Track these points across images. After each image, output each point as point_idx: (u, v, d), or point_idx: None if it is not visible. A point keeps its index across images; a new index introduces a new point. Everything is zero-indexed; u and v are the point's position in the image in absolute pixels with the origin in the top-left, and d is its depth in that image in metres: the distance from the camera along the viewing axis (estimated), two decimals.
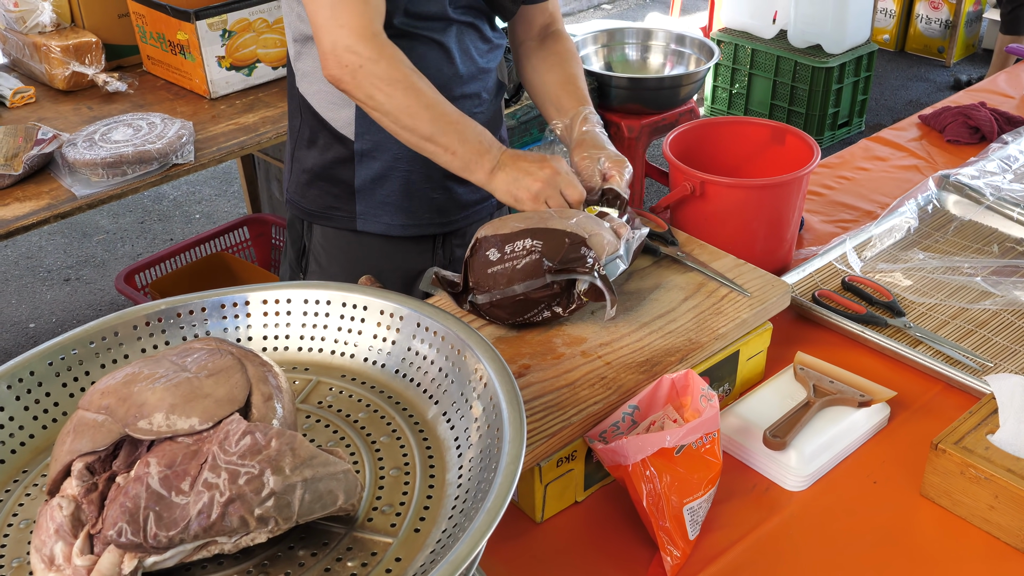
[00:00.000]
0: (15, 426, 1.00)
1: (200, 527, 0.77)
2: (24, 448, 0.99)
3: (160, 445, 0.83)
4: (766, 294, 1.41)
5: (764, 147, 1.75)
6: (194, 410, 0.84)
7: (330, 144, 1.62)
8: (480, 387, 0.95)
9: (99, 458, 0.84)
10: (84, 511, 0.82)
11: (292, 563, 0.82)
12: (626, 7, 6.77)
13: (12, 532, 0.89)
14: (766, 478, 1.28)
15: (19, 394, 1.01)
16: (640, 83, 3.40)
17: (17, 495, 0.94)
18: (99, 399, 0.87)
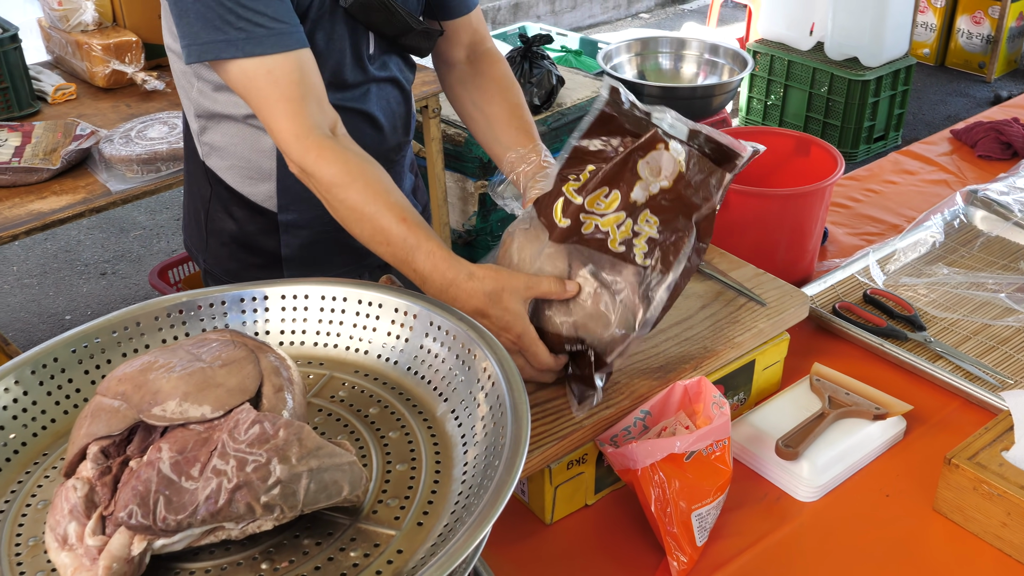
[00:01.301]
0: (37, 410, 1.03)
1: (208, 512, 0.79)
2: (45, 432, 1.02)
3: (172, 431, 0.85)
4: (784, 304, 1.41)
5: (788, 158, 1.75)
6: (206, 398, 0.86)
7: (249, 216, 1.53)
8: (488, 385, 0.96)
9: (114, 442, 0.87)
10: (98, 493, 0.84)
11: (297, 551, 0.84)
12: (663, 17, 6.77)
13: (30, 512, 0.92)
14: (777, 488, 1.28)
15: (43, 379, 1.04)
16: (672, 92, 3.41)
17: (36, 477, 0.96)
18: (116, 385, 0.90)
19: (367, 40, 1.44)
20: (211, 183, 1.53)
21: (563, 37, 4.18)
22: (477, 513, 0.79)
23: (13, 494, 0.95)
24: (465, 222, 3.18)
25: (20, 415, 1.02)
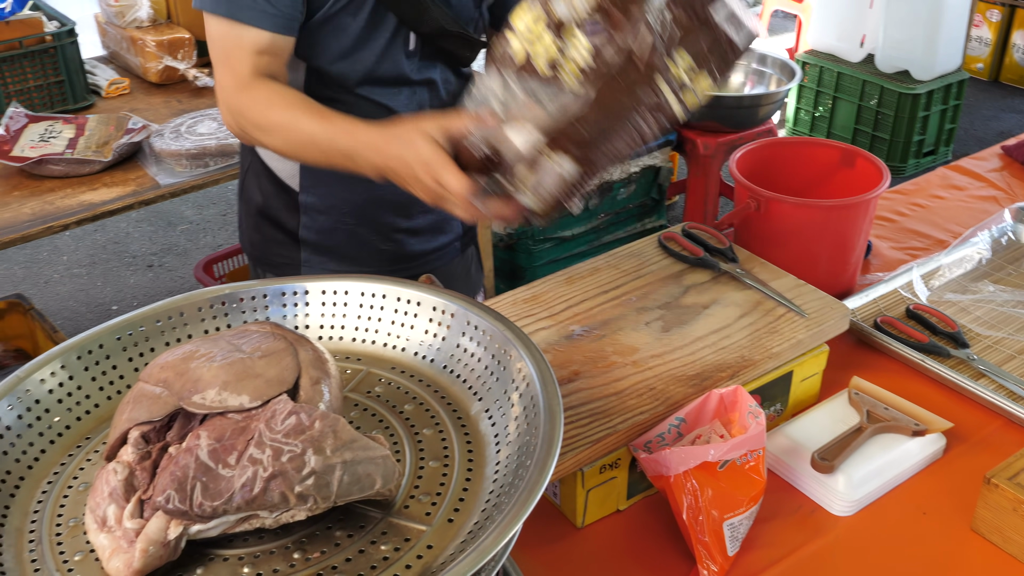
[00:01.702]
0: (82, 395, 1.05)
1: (243, 500, 0.81)
2: (88, 416, 1.04)
3: (211, 420, 0.86)
4: (824, 316, 1.40)
5: (834, 169, 1.74)
6: (245, 388, 0.87)
7: (275, 192, 1.58)
8: (523, 386, 0.96)
9: (154, 428, 0.88)
10: (137, 477, 0.86)
11: (328, 542, 0.85)
12: None
13: (71, 494, 0.94)
14: (812, 500, 1.27)
15: (88, 365, 1.06)
16: (718, 101, 3.39)
17: (79, 460, 0.99)
18: (158, 373, 0.92)
19: (406, 36, 1.45)
20: (251, 152, 1.60)
21: None
22: (507, 512, 0.80)
23: (56, 475, 0.97)
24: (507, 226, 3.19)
25: (65, 399, 1.04)
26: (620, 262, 1.55)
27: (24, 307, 2.66)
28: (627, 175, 3.31)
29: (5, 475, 0.95)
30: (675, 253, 1.56)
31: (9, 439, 0.98)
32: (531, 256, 3.21)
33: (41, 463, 0.98)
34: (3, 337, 2.69)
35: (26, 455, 0.98)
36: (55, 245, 4.07)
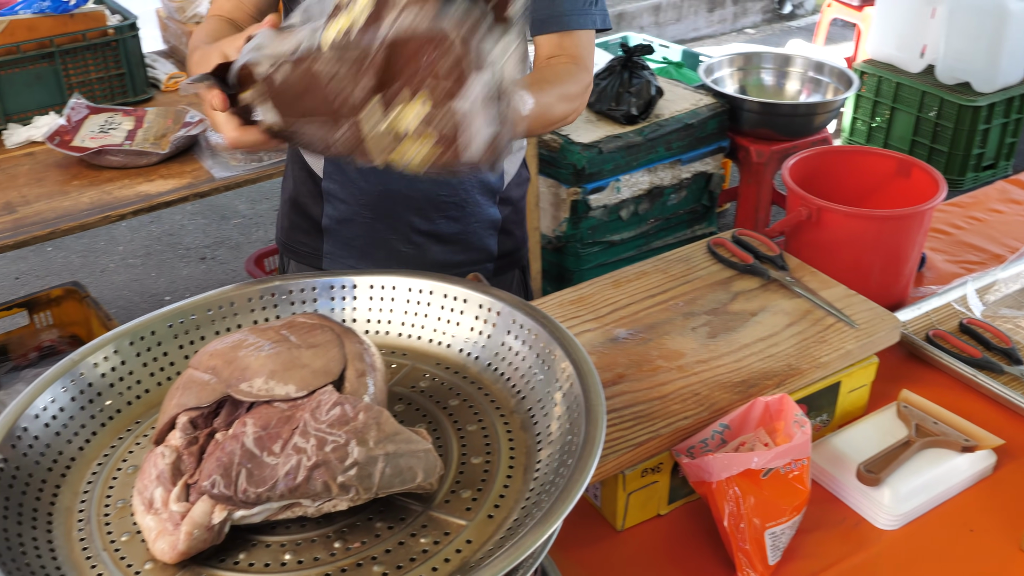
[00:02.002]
0: (133, 380, 1.07)
1: (286, 487, 0.82)
2: (139, 401, 1.06)
3: (257, 408, 0.88)
4: (874, 327, 1.38)
5: (888, 179, 1.72)
6: (291, 378, 0.88)
7: (303, 178, 1.60)
8: (566, 385, 0.97)
9: (202, 414, 0.90)
10: (184, 461, 0.87)
11: (369, 533, 0.86)
12: (769, 33, 6.69)
13: (120, 476, 0.96)
14: (856, 513, 1.26)
15: (139, 351, 1.08)
16: (773, 108, 3.36)
17: (128, 443, 1.00)
18: (208, 360, 0.93)
19: None
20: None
21: (665, 49, 4.16)
22: (547, 509, 0.80)
23: (106, 458, 0.99)
24: (556, 228, 3.19)
25: (117, 383, 1.06)
26: (668, 266, 1.54)
27: (80, 294, 2.71)
28: (678, 180, 3.30)
29: (57, 455, 0.97)
30: (724, 259, 1.55)
31: (62, 420, 1.00)
32: (579, 259, 3.21)
33: (92, 445, 1.00)
34: (59, 323, 2.75)
35: (77, 436, 1.00)
36: (112, 235, 4.15)
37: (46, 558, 0.86)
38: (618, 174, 3.12)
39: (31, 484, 0.93)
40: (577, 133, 3.07)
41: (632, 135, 3.10)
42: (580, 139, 3.04)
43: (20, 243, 2.07)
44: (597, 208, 3.13)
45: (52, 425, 0.99)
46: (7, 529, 0.86)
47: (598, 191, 3.10)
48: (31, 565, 0.84)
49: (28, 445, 0.95)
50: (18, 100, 2.64)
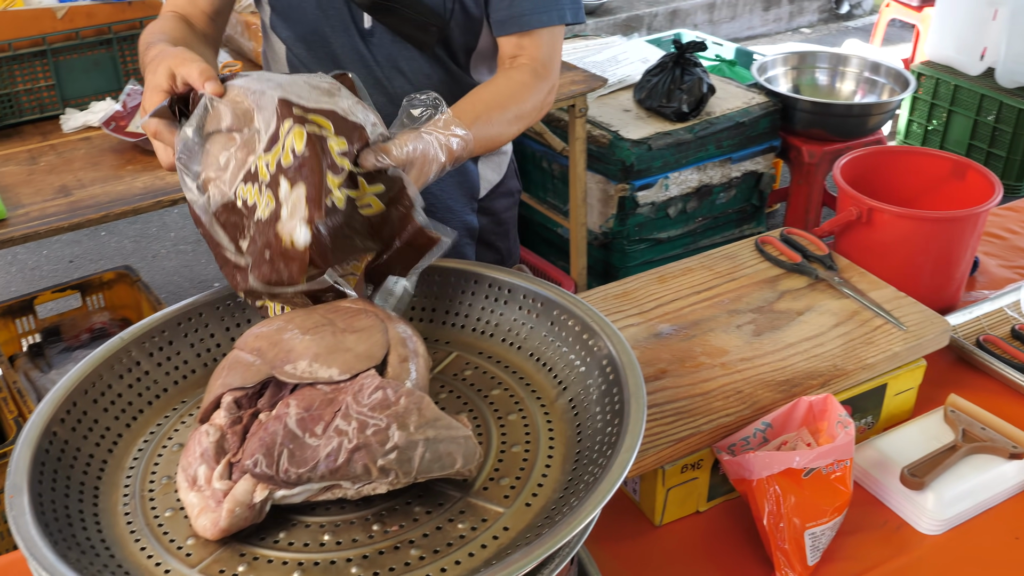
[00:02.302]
0: (180, 360, 1.09)
1: (327, 469, 0.82)
2: (185, 380, 1.08)
3: (301, 390, 0.89)
4: (923, 330, 1.36)
5: (942, 181, 1.69)
6: (335, 361, 0.89)
7: None
8: (608, 377, 0.96)
9: (246, 394, 0.91)
10: (228, 440, 0.88)
11: (407, 517, 0.87)
12: (825, 33, 6.61)
13: (165, 453, 0.98)
14: (898, 516, 1.24)
15: (187, 332, 1.10)
16: (826, 108, 3.32)
17: (174, 421, 1.02)
18: (253, 342, 0.94)
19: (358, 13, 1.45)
20: None
21: (719, 46, 4.13)
22: (584, 500, 0.80)
23: (152, 435, 1.01)
24: (603, 224, 3.18)
25: (164, 363, 1.08)
26: (715, 263, 1.53)
27: (132, 278, 2.76)
28: (727, 179, 3.27)
29: (104, 431, 0.99)
30: (772, 257, 1.53)
31: (110, 397, 1.02)
32: (625, 256, 3.19)
33: (139, 422, 1.02)
34: (110, 306, 2.79)
35: (125, 413, 1.02)
36: (164, 222, 4.21)
37: (91, 531, 0.88)
38: (667, 171, 3.10)
39: (79, 458, 0.95)
40: (627, 129, 3.06)
41: (682, 132, 3.08)
42: (629, 135, 3.03)
43: (74, 225, 2.11)
44: (645, 205, 3.11)
45: (100, 401, 1.01)
46: (55, 501, 0.88)
47: (646, 188, 3.08)
48: (77, 537, 0.85)
49: (77, 420, 0.97)
50: (76, 86, 2.69)
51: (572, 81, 2.89)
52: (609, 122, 3.11)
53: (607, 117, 3.15)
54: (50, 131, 2.59)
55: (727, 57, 4.06)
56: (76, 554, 0.82)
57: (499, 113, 1.32)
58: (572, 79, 2.91)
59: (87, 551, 0.84)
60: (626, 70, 3.45)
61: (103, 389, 1.02)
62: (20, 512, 0.82)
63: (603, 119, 3.13)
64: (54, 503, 0.88)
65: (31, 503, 0.84)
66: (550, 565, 0.80)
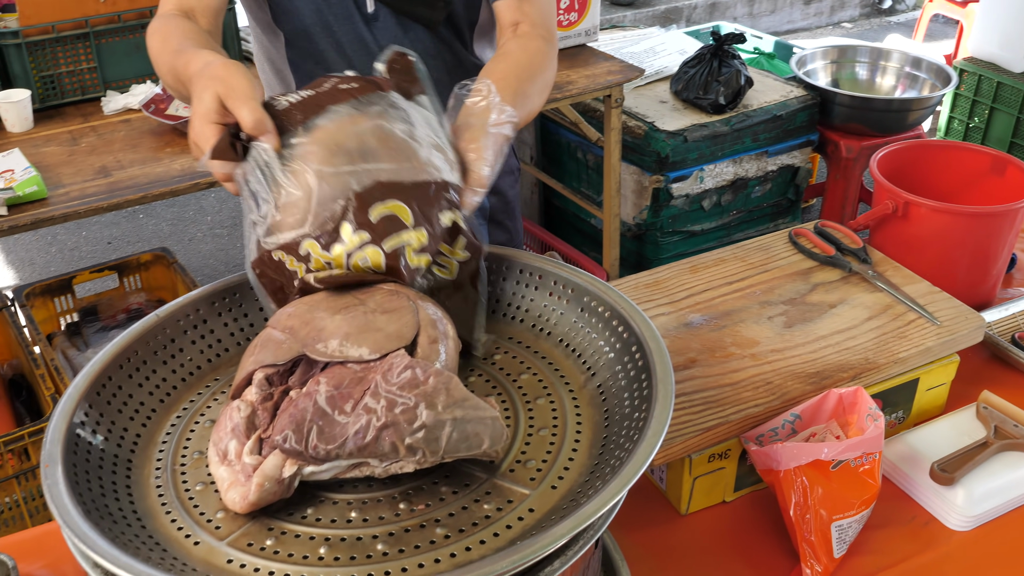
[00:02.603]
0: (214, 338, 1.10)
1: (355, 446, 0.83)
2: (219, 359, 1.09)
3: (331, 368, 0.90)
4: (957, 326, 1.35)
5: (981, 176, 1.67)
6: (365, 341, 0.90)
7: None
8: (636, 364, 0.97)
9: (278, 372, 0.92)
10: (259, 416, 0.89)
11: (434, 496, 0.87)
12: (867, 27, 6.53)
13: (197, 429, 0.99)
14: (927, 512, 1.23)
15: (221, 311, 1.12)
16: (866, 103, 3.29)
17: (207, 398, 1.04)
18: (286, 320, 0.96)
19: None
20: None
21: (758, 39, 4.10)
22: (610, 484, 0.80)
23: (185, 411, 1.02)
24: (636, 215, 3.18)
25: (198, 341, 1.09)
26: (747, 254, 1.53)
27: (168, 260, 2.79)
28: (763, 173, 3.25)
29: (139, 406, 1.01)
30: (805, 250, 1.52)
31: (144, 373, 1.03)
32: (658, 248, 3.19)
33: (172, 398, 1.04)
34: (147, 287, 2.83)
35: (159, 389, 1.04)
36: (201, 205, 4.25)
37: (124, 502, 0.89)
38: (702, 163, 3.09)
39: (113, 432, 0.96)
40: (662, 120, 3.05)
41: (718, 124, 3.07)
42: (665, 127, 3.02)
43: (113, 206, 2.14)
44: (679, 197, 3.10)
45: (135, 376, 1.02)
46: (88, 472, 0.89)
47: (681, 180, 3.07)
48: (109, 507, 0.87)
49: (112, 394, 0.99)
50: (117, 68, 2.72)
51: (608, 71, 2.89)
52: (645, 113, 3.10)
53: (643, 108, 3.14)
54: (91, 113, 2.63)
55: (766, 50, 4.03)
56: (108, 524, 0.84)
57: (530, 85, 1.30)
58: (608, 69, 2.90)
59: (119, 521, 0.85)
60: (663, 61, 3.43)
61: (138, 365, 1.03)
62: (54, 482, 0.84)
63: (639, 110, 3.12)
64: (88, 474, 0.89)
65: (65, 473, 0.85)
66: (574, 547, 0.81)
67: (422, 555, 0.81)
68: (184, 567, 0.81)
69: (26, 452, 2.17)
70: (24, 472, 2.17)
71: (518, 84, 1.27)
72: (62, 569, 1.18)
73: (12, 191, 2.08)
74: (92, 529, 0.79)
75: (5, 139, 2.47)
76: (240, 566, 0.81)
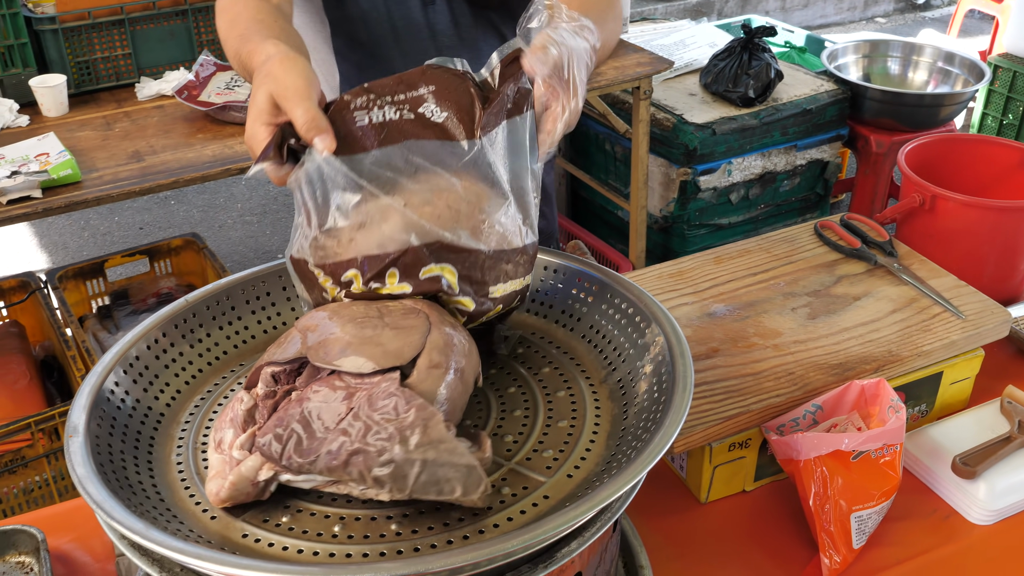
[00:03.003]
0: (241, 325, 1.12)
1: (326, 465, 0.81)
2: (245, 345, 1.11)
3: (328, 378, 0.86)
4: (983, 320, 1.34)
5: (1011, 171, 1.65)
6: (363, 353, 0.86)
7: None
8: (656, 358, 0.97)
9: (285, 371, 0.90)
10: (259, 411, 0.88)
11: None
12: (901, 23, 6.47)
13: (219, 411, 1.00)
14: (948, 505, 1.23)
15: (249, 299, 1.13)
16: (897, 97, 3.26)
17: (231, 381, 1.05)
18: (307, 321, 0.93)
19: None
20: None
21: (789, 33, 4.07)
22: (625, 470, 0.81)
23: (209, 393, 1.04)
24: (663, 208, 3.17)
25: (225, 327, 1.11)
26: (772, 246, 1.53)
27: (198, 245, 2.82)
28: (792, 167, 3.23)
29: (164, 386, 1.03)
30: (831, 242, 1.52)
31: (171, 355, 1.05)
32: (684, 241, 3.18)
33: (197, 380, 1.06)
34: (177, 272, 2.86)
35: (185, 371, 1.05)
36: (231, 192, 4.29)
37: (144, 475, 0.91)
38: (730, 156, 3.07)
39: (138, 409, 0.98)
40: (691, 113, 3.04)
41: (747, 118, 3.05)
42: (693, 119, 3.01)
43: (145, 190, 2.17)
44: (706, 190, 3.09)
45: (162, 358, 1.04)
46: (111, 446, 0.91)
47: (709, 173, 3.06)
48: (129, 479, 0.89)
49: (139, 373, 1.01)
50: (151, 55, 2.75)
51: (638, 63, 2.88)
52: (674, 105, 3.09)
53: (672, 100, 3.13)
54: (125, 98, 2.66)
55: (797, 44, 4.00)
56: (128, 494, 0.85)
57: (599, 14, 1.20)
58: (638, 61, 2.90)
59: (138, 492, 0.87)
60: (693, 54, 3.42)
61: (165, 347, 1.05)
62: (76, 450, 0.86)
63: (668, 102, 3.11)
64: (110, 447, 0.91)
65: (87, 444, 0.87)
66: (592, 528, 0.81)
67: (435, 536, 0.82)
68: (200, 539, 0.83)
69: (56, 432, 2.21)
70: (54, 452, 2.21)
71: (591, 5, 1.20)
72: (89, 543, 1.20)
73: (47, 174, 2.11)
74: (110, 496, 0.81)
75: (41, 123, 2.51)
76: (255, 540, 0.83)
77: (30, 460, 2.18)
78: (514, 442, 0.94)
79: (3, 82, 2.58)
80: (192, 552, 0.75)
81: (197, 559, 0.74)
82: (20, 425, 2.14)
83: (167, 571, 0.80)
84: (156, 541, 0.76)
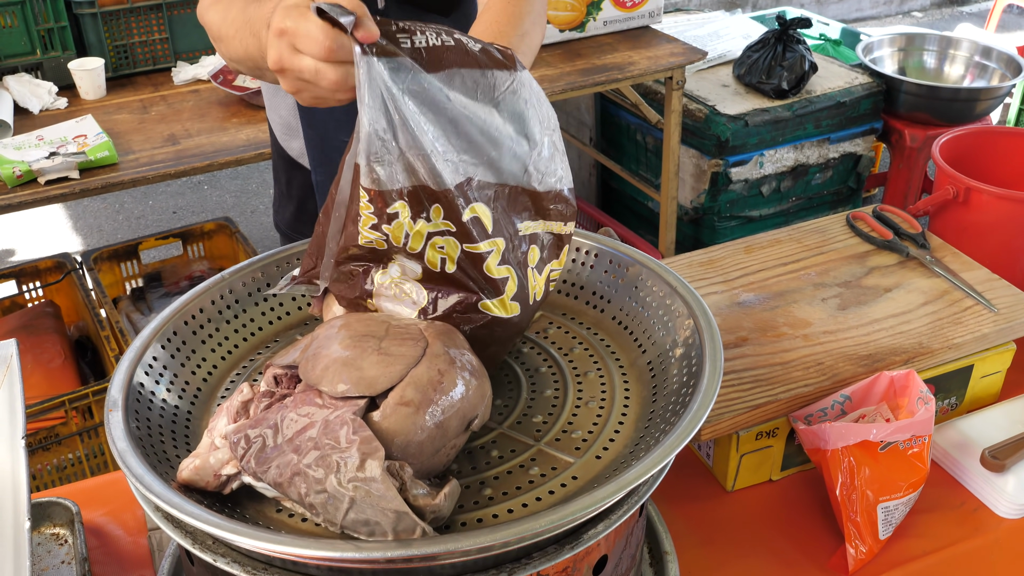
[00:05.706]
0: (276, 302, 1.13)
1: (273, 479, 0.80)
2: (279, 321, 1.12)
3: (311, 391, 0.85)
4: (1015, 313, 1.33)
5: None
6: (339, 376, 0.83)
7: (292, 173, 1.60)
8: (687, 341, 0.98)
9: (287, 375, 0.89)
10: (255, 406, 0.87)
11: (481, 460, 0.89)
12: (938, 17, 6.40)
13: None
14: (976, 498, 1.23)
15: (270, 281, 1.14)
16: (933, 91, 3.23)
17: (267, 357, 1.07)
18: (319, 329, 0.92)
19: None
20: (272, 134, 1.62)
21: (824, 25, 4.04)
22: (653, 452, 0.81)
23: (244, 368, 1.05)
24: (694, 199, 3.16)
25: (260, 303, 1.13)
26: (804, 236, 1.52)
27: (231, 229, 2.85)
28: (824, 160, 3.21)
29: (201, 361, 1.04)
30: (863, 233, 1.51)
31: (208, 330, 1.07)
32: (715, 232, 3.17)
33: (234, 355, 1.07)
34: (209, 255, 2.90)
35: (221, 347, 1.07)
36: (264, 178, 4.32)
37: (181, 449, 0.93)
38: (762, 148, 3.06)
39: (175, 383, 1.00)
40: (723, 104, 3.03)
41: (780, 110, 3.04)
42: (726, 110, 3.00)
43: (180, 173, 2.20)
44: (738, 182, 3.09)
45: (199, 333, 1.06)
46: (149, 420, 0.93)
47: (740, 164, 3.05)
48: (167, 453, 0.91)
49: (176, 348, 1.03)
50: (188, 40, 2.78)
51: (671, 53, 2.88)
52: (706, 96, 3.08)
53: (704, 91, 3.12)
54: (161, 82, 2.69)
55: (832, 36, 3.98)
56: (165, 468, 0.87)
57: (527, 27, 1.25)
58: (671, 51, 2.89)
59: (176, 466, 0.89)
60: (727, 45, 3.41)
61: (202, 322, 1.07)
62: (115, 424, 0.88)
63: (700, 93, 3.10)
64: (148, 421, 0.93)
65: (125, 418, 0.89)
66: (618, 511, 0.82)
67: (465, 514, 0.83)
68: (236, 512, 0.84)
69: (90, 410, 2.24)
70: (87, 429, 2.25)
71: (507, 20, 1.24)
72: (122, 517, 1.23)
73: (84, 155, 2.14)
74: (148, 471, 0.82)
75: (79, 106, 2.54)
76: (288, 515, 0.84)
77: (64, 437, 2.22)
78: (543, 422, 0.95)
79: (43, 65, 2.62)
80: (227, 527, 0.76)
81: (232, 533, 0.76)
82: (55, 403, 2.18)
83: (200, 544, 0.82)
84: (192, 515, 0.77)
